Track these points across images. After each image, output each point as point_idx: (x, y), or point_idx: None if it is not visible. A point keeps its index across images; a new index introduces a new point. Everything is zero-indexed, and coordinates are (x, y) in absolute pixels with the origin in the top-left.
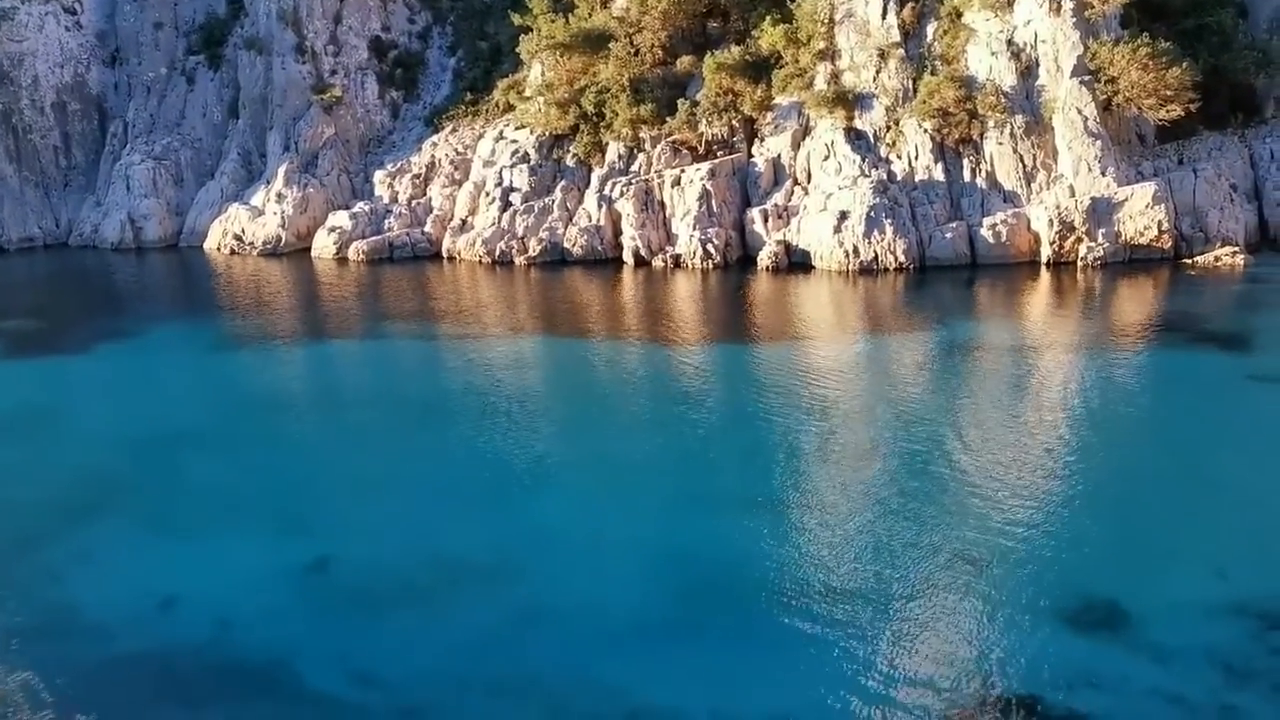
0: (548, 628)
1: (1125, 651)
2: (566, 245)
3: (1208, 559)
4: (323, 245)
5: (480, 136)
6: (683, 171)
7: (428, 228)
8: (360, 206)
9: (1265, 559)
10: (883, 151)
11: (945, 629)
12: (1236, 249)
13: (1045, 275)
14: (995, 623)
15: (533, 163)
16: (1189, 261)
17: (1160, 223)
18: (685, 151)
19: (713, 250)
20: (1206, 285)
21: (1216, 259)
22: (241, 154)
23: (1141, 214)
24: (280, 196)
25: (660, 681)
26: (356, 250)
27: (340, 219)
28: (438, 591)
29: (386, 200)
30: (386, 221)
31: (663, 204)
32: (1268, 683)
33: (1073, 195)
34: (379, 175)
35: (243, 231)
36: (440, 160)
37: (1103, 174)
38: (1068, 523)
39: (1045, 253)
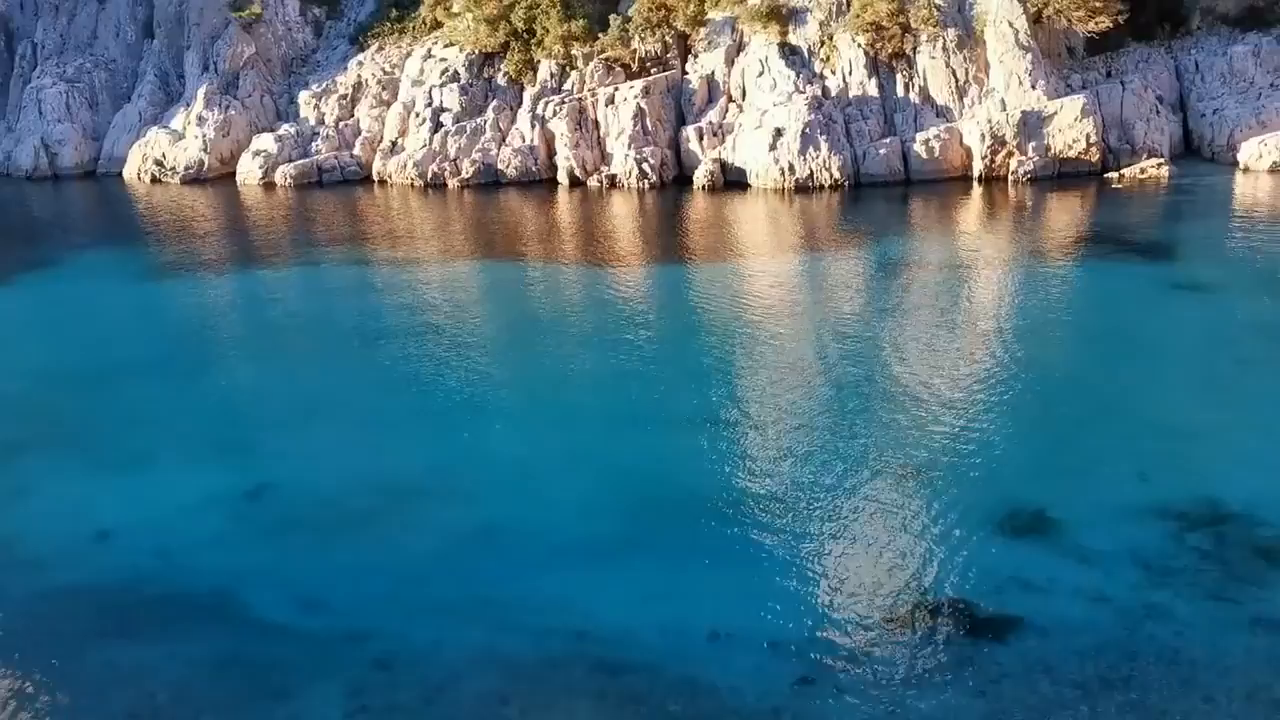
0: (494, 549)
1: (1053, 555)
2: (500, 166)
3: (1131, 464)
4: (248, 170)
5: (408, 55)
6: (616, 89)
7: (356, 150)
8: (285, 129)
9: (1184, 463)
10: (817, 67)
11: (882, 539)
12: (1162, 160)
13: (977, 190)
14: (930, 531)
15: (463, 82)
16: (1116, 174)
17: (1089, 135)
18: (618, 69)
19: (648, 170)
20: (1133, 197)
21: (1143, 171)
22: (159, 75)
23: (1070, 127)
24: (201, 119)
25: (608, 599)
26: (283, 174)
27: (265, 142)
28: (382, 516)
29: (313, 122)
30: (313, 144)
31: (597, 123)
32: (1185, 580)
33: (1004, 109)
34: (304, 96)
35: (163, 156)
36: (367, 80)
37: (1033, 87)
38: (999, 433)
39: (978, 168)
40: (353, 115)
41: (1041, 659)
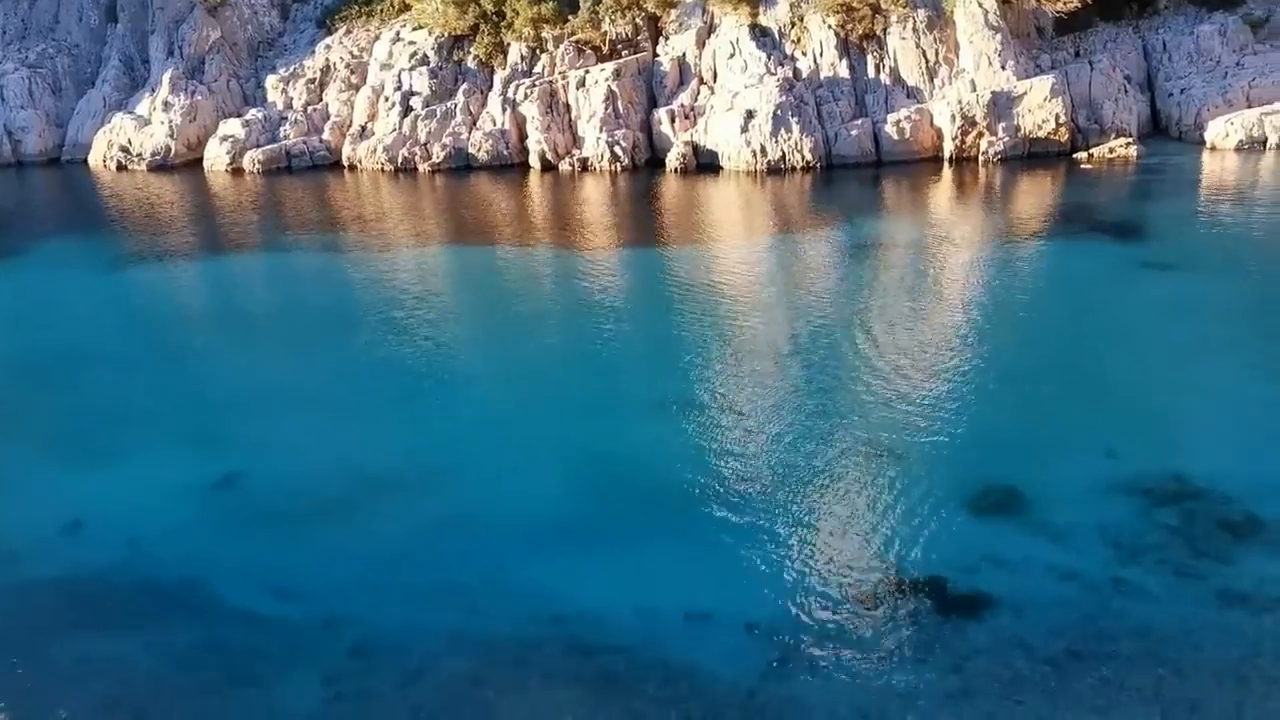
0: (467, 535)
1: (1024, 532)
2: (471, 150)
3: (1100, 441)
4: (215, 156)
5: (376, 38)
6: (587, 72)
7: (326, 135)
8: (253, 114)
9: (1153, 439)
10: (788, 49)
11: (854, 518)
12: (1130, 140)
13: (948, 171)
14: (902, 510)
15: (432, 65)
16: (1085, 154)
17: (1058, 115)
18: (589, 51)
19: (620, 153)
20: (1102, 177)
21: (1111, 150)
22: (123, 60)
23: (1040, 107)
24: (167, 105)
25: (582, 582)
26: (252, 160)
27: (232, 127)
28: (353, 503)
29: (280, 107)
30: (282, 129)
31: (568, 106)
32: (1153, 556)
33: (974, 90)
34: (271, 80)
35: (129, 142)
36: (335, 64)
37: (1003, 68)
38: (969, 411)
39: (948, 148)
40: (321, 100)
41: (1013, 635)
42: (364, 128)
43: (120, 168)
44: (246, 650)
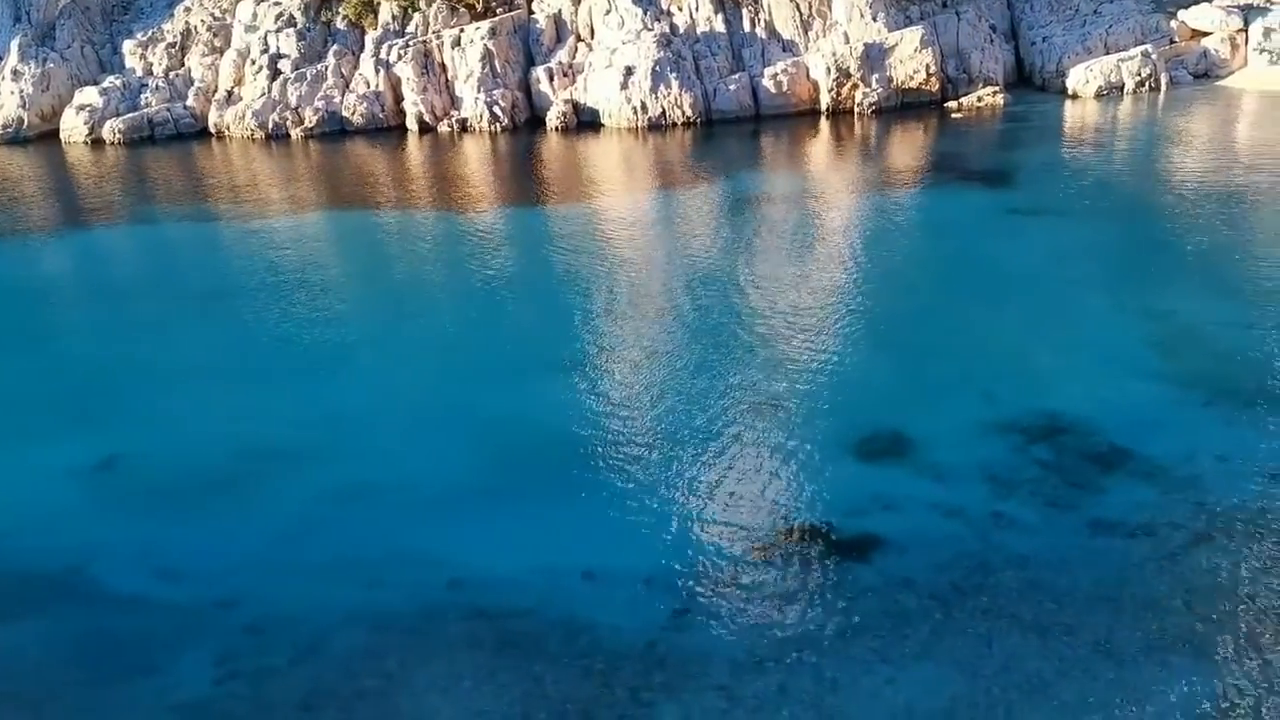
0: (360, 505)
1: (908, 474)
2: (345, 114)
3: (977, 383)
4: (72, 126)
5: (239, 0)
6: (462, 31)
7: (190, 102)
8: (111, 81)
9: (1025, 379)
10: (664, 4)
11: (746, 470)
12: (997, 88)
13: (825, 124)
14: (792, 459)
15: (300, 26)
16: (955, 103)
17: (928, 65)
18: (463, 10)
19: (499, 113)
20: (971, 126)
21: (980, 99)
22: None
23: (911, 58)
24: (16, 74)
25: (480, 547)
26: (112, 130)
27: (89, 96)
28: (242, 478)
29: (140, 73)
30: (143, 97)
31: (444, 66)
32: (1029, 490)
33: (847, 42)
34: (128, 46)
35: None
36: (196, 27)
37: (874, 19)
38: (852, 360)
39: (825, 100)
40: (183, 64)
41: (900, 573)
42: (230, 93)
43: None
44: (137, 635)
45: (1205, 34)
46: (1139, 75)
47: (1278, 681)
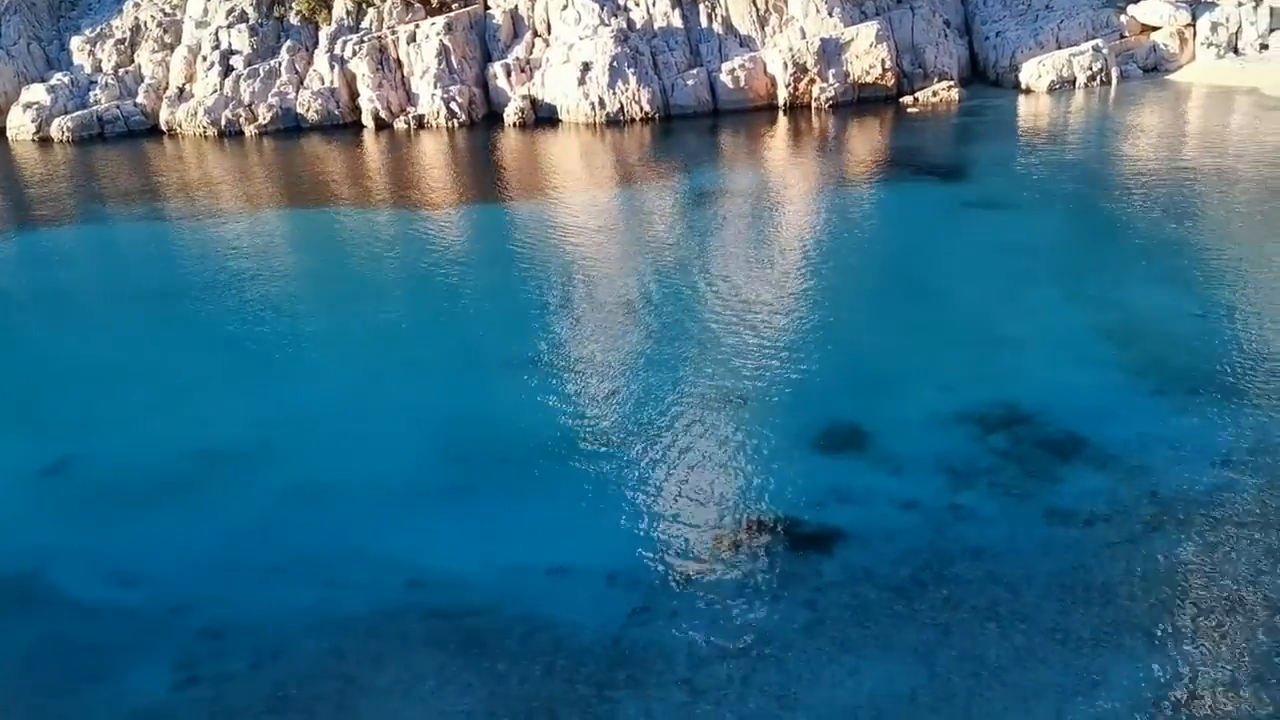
0: (319, 506)
1: (868, 467)
2: (300, 111)
3: (935, 375)
4: (19, 125)
5: None
6: (417, 26)
7: (140, 99)
8: (59, 78)
9: (983, 371)
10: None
11: (708, 465)
12: (952, 83)
13: (783, 119)
14: (753, 454)
15: (252, 22)
16: (910, 99)
17: (883, 61)
18: (418, 5)
19: (456, 109)
20: (927, 120)
21: (935, 94)
22: None
23: (866, 53)
24: None
25: (441, 546)
26: (60, 128)
27: (36, 93)
28: (197, 481)
29: (89, 70)
30: (92, 94)
31: (400, 62)
32: (986, 480)
33: (804, 37)
34: (76, 42)
35: None
36: (146, 23)
37: (830, 14)
38: (811, 354)
39: (782, 96)
40: (133, 61)
41: (861, 566)
42: (182, 90)
43: None
44: (91, 642)
45: (1154, 29)
46: (1090, 70)
47: (1226, 664)
